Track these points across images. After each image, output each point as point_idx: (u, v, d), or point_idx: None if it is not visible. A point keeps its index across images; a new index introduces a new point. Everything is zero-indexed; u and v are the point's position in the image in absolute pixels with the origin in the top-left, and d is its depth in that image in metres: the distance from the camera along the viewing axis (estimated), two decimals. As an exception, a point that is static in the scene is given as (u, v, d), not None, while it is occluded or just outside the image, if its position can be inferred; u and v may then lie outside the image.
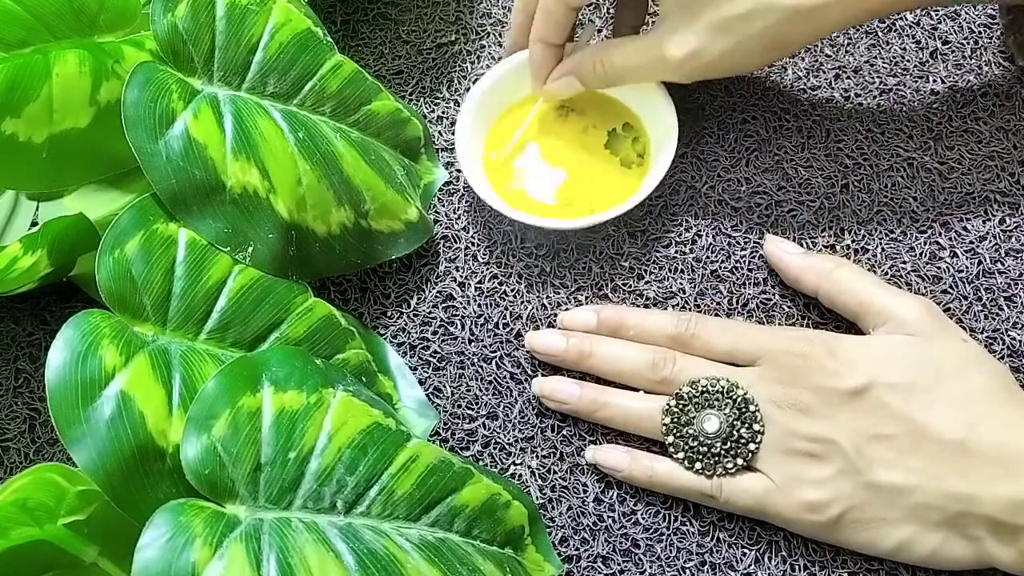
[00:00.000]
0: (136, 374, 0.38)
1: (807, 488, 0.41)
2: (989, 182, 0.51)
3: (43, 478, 0.38)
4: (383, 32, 0.60)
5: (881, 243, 0.50)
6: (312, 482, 0.38)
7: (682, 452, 0.43)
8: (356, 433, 0.39)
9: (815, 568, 0.43)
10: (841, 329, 0.47)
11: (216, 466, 0.37)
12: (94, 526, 0.40)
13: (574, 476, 0.46)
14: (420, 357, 0.50)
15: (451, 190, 0.54)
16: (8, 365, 0.51)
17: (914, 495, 0.40)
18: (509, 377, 0.49)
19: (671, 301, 0.49)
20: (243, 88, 0.47)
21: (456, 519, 0.40)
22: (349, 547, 0.36)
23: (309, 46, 0.49)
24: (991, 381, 0.42)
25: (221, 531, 0.35)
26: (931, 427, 0.40)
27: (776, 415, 0.43)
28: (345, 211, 0.48)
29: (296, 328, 0.45)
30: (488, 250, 0.52)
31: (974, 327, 0.47)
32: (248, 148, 0.44)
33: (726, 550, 0.44)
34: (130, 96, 0.42)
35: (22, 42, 0.42)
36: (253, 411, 0.38)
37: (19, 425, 0.49)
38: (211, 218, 0.44)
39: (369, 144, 0.51)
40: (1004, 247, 0.49)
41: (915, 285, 0.49)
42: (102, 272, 0.41)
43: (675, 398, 0.44)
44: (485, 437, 0.47)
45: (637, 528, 0.45)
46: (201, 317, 0.43)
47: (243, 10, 0.47)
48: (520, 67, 0.53)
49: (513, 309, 0.50)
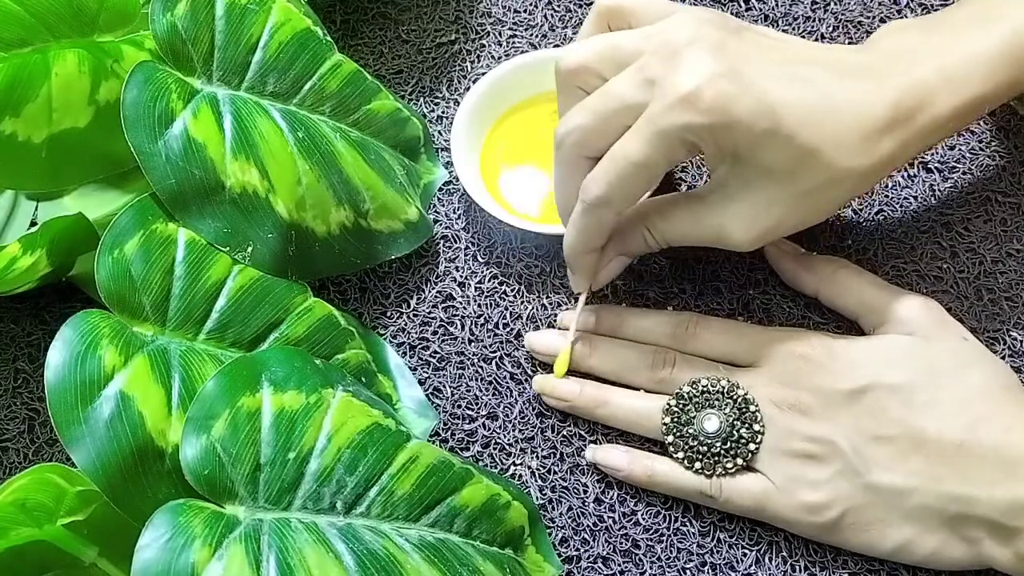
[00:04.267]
0: (135, 374, 0.38)
1: (806, 489, 0.41)
2: (990, 182, 0.51)
3: (42, 478, 0.38)
4: (383, 31, 0.60)
5: (882, 243, 0.50)
6: (312, 482, 0.38)
7: (682, 452, 0.43)
8: (356, 433, 0.39)
9: (815, 569, 0.43)
10: (841, 330, 0.47)
11: (215, 466, 0.37)
12: (93, 526, 0.39)
13: (574, 476, 0.46)
14: (420, 357, 0.50)
15: (451, 190, 0.54)
16: (7, 365, 0.51)
17: (913, 496, 0.40)
18: (509, 377, 0.49)
19: (671, 301, 0.49)
20: (242, 88, 0.47)
21: (456, 520, 0.40)
22: (349, 548, 0.36)
23: (309, 45, 0.49)
24: (991, 381, 0.42)
25: (220, 531, 0.35)
26: (931, 429, 0.40)
27: (776, 415, 0.42)
28: (345, 211, 0.48)
29: (296, 328, 0.45)
30: (488, 250, 0.52)
31: (975, 327, 0.47)
32: (247, 148, 0.44)
33: (726, 551, 0.44)
34: (129, 96, 0.42)
35: (21, 42, 0.42)
36: (252, 411, 0.38)
37: (18, 425, 0.49)
38: (210, 218, 0.44)
39: (369, 144, 0.51)
40: (1005, 247, 0.49)
41: (916, 285, 0.49)
42: (101, 272, 0.41)
43: (675, 397, 0.44)
44: (485, 437, 0.47)
45: (637, 529, 0.45)
46: (200, 317, 0.42)
47: (242, 9, 0.47)
48: (513, 72, 0.53)
49: (513, 309, 0.50)
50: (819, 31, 0.57)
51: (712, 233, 0.43)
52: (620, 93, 0.40)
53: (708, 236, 0.43)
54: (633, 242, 0.45)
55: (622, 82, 0.40)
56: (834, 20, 0.57)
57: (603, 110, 0.40)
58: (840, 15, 0.57)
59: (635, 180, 0.40)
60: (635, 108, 0.40)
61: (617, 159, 0.40)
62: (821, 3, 0.58)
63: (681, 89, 0.38)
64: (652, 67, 0.39)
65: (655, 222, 0.44)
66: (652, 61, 0.39)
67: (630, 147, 0.40)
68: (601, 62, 0.41)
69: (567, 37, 0.58)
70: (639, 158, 0.39)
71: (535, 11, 0.60)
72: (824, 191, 0.41)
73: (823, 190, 0.41)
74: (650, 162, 0.39)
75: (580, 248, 0.44)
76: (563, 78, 0.43)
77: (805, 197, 0.41)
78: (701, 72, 0.38)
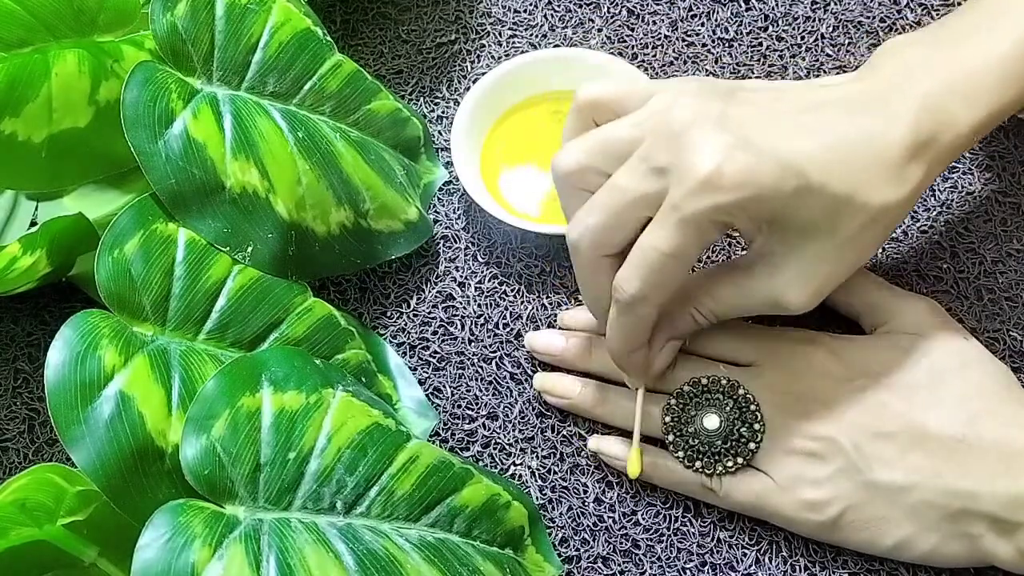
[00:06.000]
0: (135, 374, 0.38)
1: (807, 487, 0.41)
2: (990, 182, 0.51)
3: (42, 478, 0.38)
4: (383, 32, 0.60)
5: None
6: (312, 482, 0.38)
7: (682, 451, 0.43)
8: (356, 433, 0.39)
9: (815, 568, 0.43)
10: (842, 330, 0.47)
11: (215, 466, 0.37)
12: (93, 526, 0.39)
13: (574, 476, 0.46)
14: (420, 357, 0.50)
15: (451, 190, 0.54)
16: (7, 365, 0.51)
17: (914, 493, 0.40)
18: (509, 377, 0.49)
19: (671, 301, 0.49)
20: (242, 88, 0.47)
21: (456, 519, 0.40)
22: (349, 548, 0.36)
23: (308, 45, 0.49)
24: (992, 379, 0.42)
25: (220, 531, 0.35)
26: (931, 425, 0.40)
27: (776, 414, 0.43)
28: (345, 211, 0.48)
29: (295, 328, 0.45)
30: (488, 250, 0.52)
31: (975, 327, 0.47)
32: (247, 148, 0.44)
33: (726, 550, 0.44)
34: (129, 96, 0.42)
35: (22, 42, 0.42)
36: (252, 411, 0.38)
37: (18, 425, 0.49)
38: (210, 218, 0.44)
39: (369, 144, 0.51)
40: (1005, 247, 0.49)
41: (916, 285, 0.49)
42: (101, 272, 0.41)
43: (676, 396, 0.44)
44: (485, 437, 0.47)
45: (637, 528, 0.45)
46: (200, 317, 0.42)
47: (242, 9, 0.47)
48: (513, 72, 0.53)
49: (513, 309, 0.50)
50: (819, 31, 0.57)
51: (766, 303, 0.41)
52: (630, 187, 0.38)
53: (762, 306, 0.42)
54: (682, 325, 0.44)
55: (628, 175, 0.39)
56: (834, 20, 0.57)
57: (615, 206, 0.39)
58: (840, 15, 0.57)
59: (669, 271, 0.39)
60: (650, 198, 0.38)
61: (647, 253, 0.39)
62: (821, 3, 0.58)
63: (700, 172, 0.36)
64: (658, 155, 0.38)
65: (703, 302, 0.43)
66: (656, 148, 0.38)
67: (659, 238, 0.38)
68: (598, 158, 0.40)
69: (567, 37, 0.58)
70: (670, 248, 0.38)
71: (535, 11, 0.60)
72: (866, 233, 0.39)
73: (865, 232, 0.39)
74: (682, 251, 0.38)
75: (626, 348, 0.42)
76: (562, 180, 0.41)
77: (849, 243, 0.39)
78: (715, 149, 0.37)
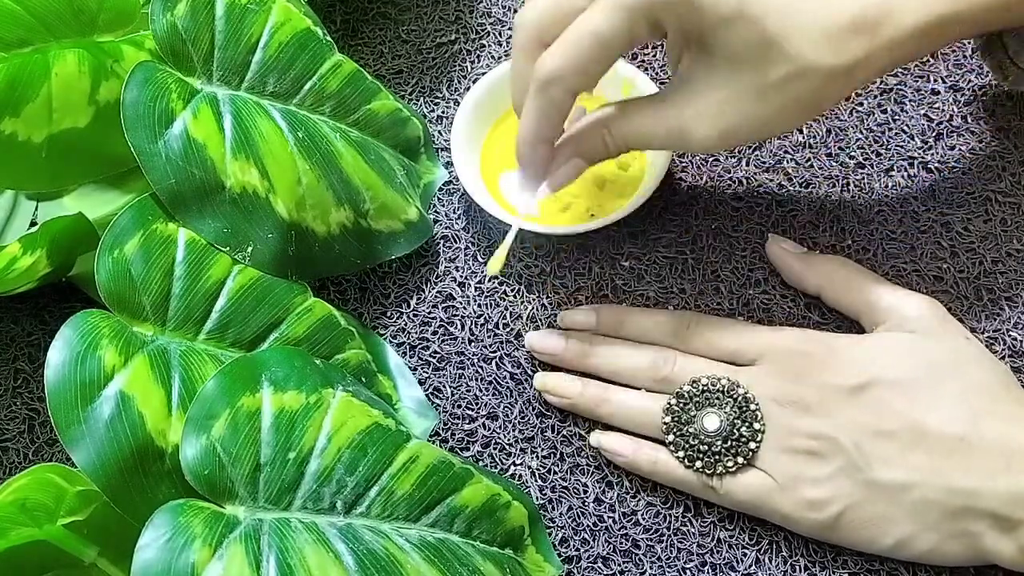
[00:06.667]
0: (135, 374, 0.38)
1: (807, 486, 0.41)
2: (990, 182, 0.51)
3: (42, 478, 0.38)
4: (383, 32, 0.60)
5: (882, 243, 0.50)
6: (312, 482, 0.38)
7: (683, 451, 0.43)
8: (356, 433, 0.39)
9: (815, 568, 0.43)
10: (842, 329, 0.47)
11: (215, 466, 0.37)
12: (93, 526, 0.39)
13: (574, 476, 0.46)
14: (420, 357, 0.50)
15: (451, 190, 0.54)
16: (7, 365, 0.51)
17: (915, 491, 0.40)
18: (509, 377, 0.49)
19: (671, 301, 0.49)
20: (242, 88, 0.47)
21: (456, 520, 0.40)
22: (349, 548, 0.36)
23: (308, 45, 0.49)
24: (992, 378, 0.42)
25: (220, 531, 0.35)
26: (932, 423, 0.40)
27: (777, 413, 0.43)
28: (345, 211, 0.48)
29: (296, 328, 0.45)
30: (488, 250, 0.52)
31: (975, 327, 0.47)
32: (247, 148, 0.44)
33: (727, 550, 0.44)
34: (129, 96, 0.42)
35: (22, 42, 0.42)
36: (252, 411, 0.38)
37: (18, 425, 0.49)
38: (210, 218, 0.44)
39: (369, 144, 0.51)
40: (1005, 247, 0.49)
41: (916, 285, 0.48)
42: (101, 272, 0.41)
43: (676, 397, 0.44)
44: (485, 437, 0.47)
45: (637, 528, 0.45)
46: (200, 317, 0.42)
47: (242, 9, 0.47)
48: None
49: (513, 309, 0.50)
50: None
51: (674, 133, 0.41)
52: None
53: (670, 136, 0.42)
54: (591, 144, 0.44)
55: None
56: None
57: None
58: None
59: (592, 54, 0.39)
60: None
61: (576, 31, 0.39)
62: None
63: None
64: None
65: (614, 122, 0.43)
66: None
67: (590, 20, 0.39)
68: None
69: (567, 37, 0.58)
70: (600, 29, 0.39)
71: (535, 11, 0.59)
72: (789, 86, 0.40)
73: (788, 84, 0.40)
74: (610, 35, 0.39)
75: (532, 136, 0.42)
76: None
77: (770, 92, 0.40)
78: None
